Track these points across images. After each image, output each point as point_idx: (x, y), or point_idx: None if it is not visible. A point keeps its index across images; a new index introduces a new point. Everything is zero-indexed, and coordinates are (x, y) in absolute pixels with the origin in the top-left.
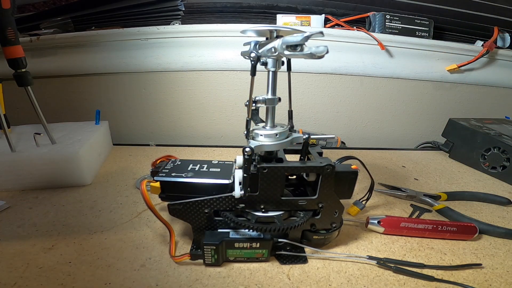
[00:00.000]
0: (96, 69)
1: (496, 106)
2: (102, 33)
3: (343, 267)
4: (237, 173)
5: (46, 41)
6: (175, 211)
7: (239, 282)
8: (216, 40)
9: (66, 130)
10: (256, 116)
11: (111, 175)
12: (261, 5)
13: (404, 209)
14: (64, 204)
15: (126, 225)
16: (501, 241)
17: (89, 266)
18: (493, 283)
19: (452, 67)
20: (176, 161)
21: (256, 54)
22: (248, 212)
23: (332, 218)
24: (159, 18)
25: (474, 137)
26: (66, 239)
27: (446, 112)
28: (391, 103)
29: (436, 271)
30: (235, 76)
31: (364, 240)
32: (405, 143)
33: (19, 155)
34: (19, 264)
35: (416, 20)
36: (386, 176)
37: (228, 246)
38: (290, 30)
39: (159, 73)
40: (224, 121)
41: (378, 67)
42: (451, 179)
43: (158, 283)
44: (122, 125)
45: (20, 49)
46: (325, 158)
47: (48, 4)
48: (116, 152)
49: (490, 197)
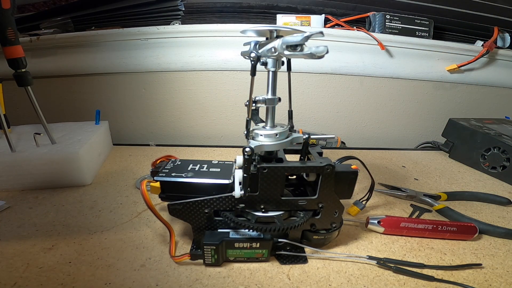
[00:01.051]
0: (96, 69)
1: (496, 106)
2: (102, 33)
3: (343, 267)
4: (237, 173)
5: (46, 41)
6: (175, 211)
7: (239, 282)
8: (216, 40)
9: (66, 130)
10: (256, 116)
11: (111, 175)
12: (261, 5)
13: (404, 209)
14: (64, 204)
15: (126, 225)
16: (501, 241)
17: (89, 266)
18: (493, 283)
19: (452, 67)
20: (176, 161)
21: (256, 54)
22: (248, 212)
23: (332, 218)
24: (159, 18)
25: (474, 137)
26: (66, 239)
27: (446, 112)
28: (391, 103)
29: (436, 271)
30: (235, 76)
31: (364, 240)
32: (405, 143)
33: (19, 155)
34: (19, 264)
35: (416, 20)
36: (386, 176)
37: (228, 246)
38: (290, 30)
39: (159, 73)
40: (224, 121)
41: (378, 67)
42: (451, 179)
43: (158, 283)
44: (122, 125)
45: (20, 49)
46: (325, 158)
47: (48, 4)
48: (116, 152)
49: (490, 197)
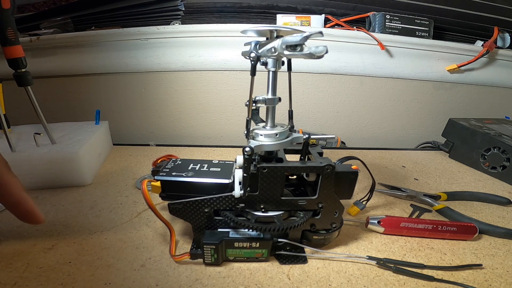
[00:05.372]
0: (96, 69)
1: (496, 106)
2: (102, 33)
3: (343, 267)
4: (237, 173)
5: (46, 41)
6: (176, 211)
7: (239, 282)
8: (216, 40)
9: (66, 130)
10: (256, 116)
11: (111, 175)
12: (261, 5)
13: (404, 209)
14: (64, 204)
15: (126, 225)
16: (501, 241)
17: (89, 266)
18: (493, 283)
19: (452, 67)
20: (177, 160)
21: (256, 54)
22: (248, 212)
23: (332, 218)
24: (159, 18)
25: (474, 137)
26: (66, 239)
27: (446, 112)
28: (391, 103)
29: (436, 271)
30: (235, 76)
31: (364, 240)
32: (405, 143)
33: (19, 155)
34: (19, 264)
35: (416, 20)
36: (386, 176)
37: (228, 246)
38: (290, 30)
39: (159, 73)
40: (224, 121)
41: (378, 67)
42: (451, 179)
43: (158, 283)
44: (122, 125)
45: (20, 49)
46: (325, 158)
47: (48, 4)
48: (116, 152)
49: (490, 197)
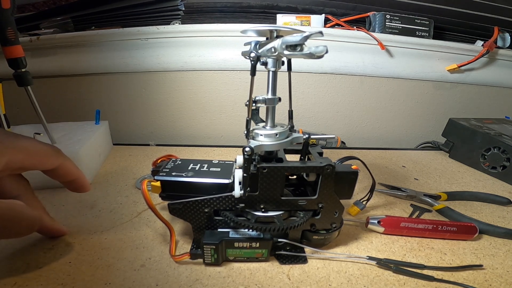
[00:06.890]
0: (96, 69)
1: (496, 106)
2: (102, 33)
3: (343, 267)
4: (237, 173)
5: (46, 41)
6: (175, 211)
7: (239, 282)
8: (216, 40)
9: (66, 130)
10: (256, 116)
11: (111, 175)
12: (261, 5)
13: (404, 209)
14: (64, 204)
15: (126, 225)
16: (501, 241)
17: (89, 266)
18: (493, 283)
19: (452, 67)
20: (177, 160)
21: (256, 54)
22: (248, 212)
23: (332, 218)
24: (159, 18)
25: (474, 137)
26: (66, 239)
27: (446, 112)
28: (391, 103)
29: (436, 271)
30: (235, 76)
31: (364, 240)
32: (405, 143)
33: None
34: (19, 264)
35: (416, 20)
36: (386, 176)
37: (228, 246)
38: (290, 30)
39: (159, 73)
40: (224, 121)
41: (378, 67)
42: (451, 179)
43: (158, 283)
44: (122, 125)
45: (20, 49)
46: (325, 158)
47: (48, 4)
48: (116, 152)
49: (490, 197)
